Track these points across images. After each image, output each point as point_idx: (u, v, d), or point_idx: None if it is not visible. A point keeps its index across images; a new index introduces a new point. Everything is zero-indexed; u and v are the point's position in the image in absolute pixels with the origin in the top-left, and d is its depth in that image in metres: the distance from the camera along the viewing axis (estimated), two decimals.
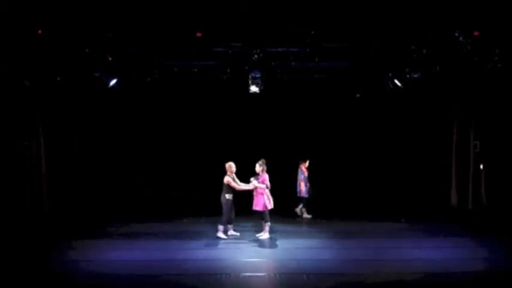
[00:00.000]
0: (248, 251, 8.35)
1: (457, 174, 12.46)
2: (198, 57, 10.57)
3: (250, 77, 10.76)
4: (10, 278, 6.83)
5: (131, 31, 9.10)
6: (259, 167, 9.37)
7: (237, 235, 9.56)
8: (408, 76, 11.11)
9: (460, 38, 8.67)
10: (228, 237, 9.34)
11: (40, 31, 8.55)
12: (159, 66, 11.26)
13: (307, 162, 12.01)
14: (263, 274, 6.96)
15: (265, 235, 9.30)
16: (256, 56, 9.84)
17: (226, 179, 9.32)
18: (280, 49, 9.83)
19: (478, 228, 10.10)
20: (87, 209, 12.50)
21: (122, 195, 13.63)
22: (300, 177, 11.86)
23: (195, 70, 11.39)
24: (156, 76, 11.79)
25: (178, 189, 14.33)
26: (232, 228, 9.64)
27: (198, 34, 8.96)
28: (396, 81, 11.50)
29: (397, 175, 14.00)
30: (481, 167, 11.61)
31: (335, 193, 13.94)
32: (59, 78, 11.02)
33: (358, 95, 13.80)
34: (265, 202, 9.19)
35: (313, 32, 9.01)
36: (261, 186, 9.23)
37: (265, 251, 8.47)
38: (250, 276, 6.82)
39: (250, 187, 9.34)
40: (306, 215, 11.89)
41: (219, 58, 10.49)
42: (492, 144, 11.42)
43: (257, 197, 9.28)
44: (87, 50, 9.56)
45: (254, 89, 10.94)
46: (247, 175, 9.51)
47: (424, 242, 9.00)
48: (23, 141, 11.15)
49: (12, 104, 10.73)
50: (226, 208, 9.30)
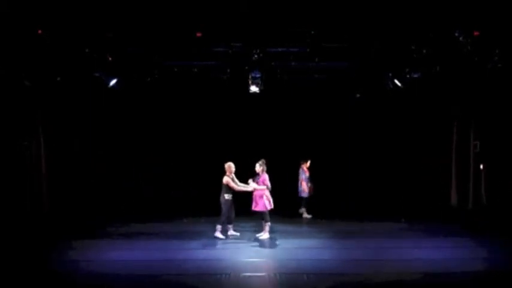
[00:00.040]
0: (248, 251, 8.35)
1: (457, 174, 12.46)
2: (198, 57, 10.57)
3: (250, 77, 10.76)
4: (10, 278, 6.82)
5: (131, 31, 9.10)
6: (259, 167, 9.37)
7: (237, 235, 9.56)
8: (408, 76, 11.12)
9: (460, 38, 8.67)
10: (226, 237, 9.33)
11: (40, 31, 8.55)
12: (159, 66, 11.26)
13: (309, 162, 12.02)
14: (263, 274, 6.95)
15: (265, 235, 9.30)
16: (256, 56, 9.84)
17: (226, 179, 9.31)
18: (280, 49, 9.83)
19: (478, 228, 10.10)
20: (87, 209, 12.50)
21: (122, 195, 13.64)
22: (301, 177, 11.88)
23: (195, 70, 11.40)
24: (156, 76, 11.79)
25: (178, 189, 14.33)
26: (232, 228, 9.63)
27: (198, 34, 8.96)
28: (396, 81, 11.50)
29: (397, 175, 14.00)
30: (481, 167, 11.62)
31: (335, 193, 13.94)
32: (59, 78, 11.03)
33: (358, 95, 13.81)
34: (265, 203, 9.19)
35: (313, 32, 9.01)
36: (260, 188, 9.23)
37: (265, 251, 8.47)
38: (250, 276, 6.82)
39: (249, 188, 9.33)
40: (306, 215, 11.90)
41: (219, 58, 10.49)
42: (492, 144, 11.42)
43: (257, 198, 9.28)
44: (87, 50, 9.56)
45: (254, 89, 10.94)
46: (247, 175, 9.50)
47: (424, 242, 8.99)
48: (23, 141, 11.16)
49: (12, 104, 10.74)
50: (225, 208, 9.30)
